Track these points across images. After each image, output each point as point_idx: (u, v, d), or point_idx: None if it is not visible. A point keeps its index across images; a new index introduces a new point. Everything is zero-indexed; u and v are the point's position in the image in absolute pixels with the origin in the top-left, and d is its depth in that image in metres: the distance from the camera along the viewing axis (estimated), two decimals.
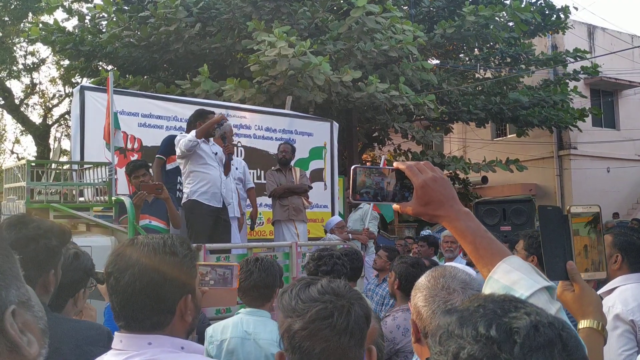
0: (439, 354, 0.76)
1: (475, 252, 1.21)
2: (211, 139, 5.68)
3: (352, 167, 1.26)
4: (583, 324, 1.41)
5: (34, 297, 0.76)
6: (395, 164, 1.25)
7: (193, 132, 5.42)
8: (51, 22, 13.14)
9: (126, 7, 13.44)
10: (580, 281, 1.43)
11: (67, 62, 13.80)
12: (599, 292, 2.84)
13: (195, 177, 5.49)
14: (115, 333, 1.40)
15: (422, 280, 1.67)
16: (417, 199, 1.22)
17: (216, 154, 5.63)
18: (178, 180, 5.89)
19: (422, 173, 1.23)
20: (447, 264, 4.63)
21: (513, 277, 1.14)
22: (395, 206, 1.26)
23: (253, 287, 2.85)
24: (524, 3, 14.14)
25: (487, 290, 1.16)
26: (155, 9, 11.21)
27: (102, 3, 12.92)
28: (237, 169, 6.46)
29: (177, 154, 5.56)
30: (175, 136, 6.03)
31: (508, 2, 13.74)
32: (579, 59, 15.58)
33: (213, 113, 5.93)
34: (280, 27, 10.01)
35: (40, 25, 12.84)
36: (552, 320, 0.75)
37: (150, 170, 5.60)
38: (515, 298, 0.82)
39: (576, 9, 21.17)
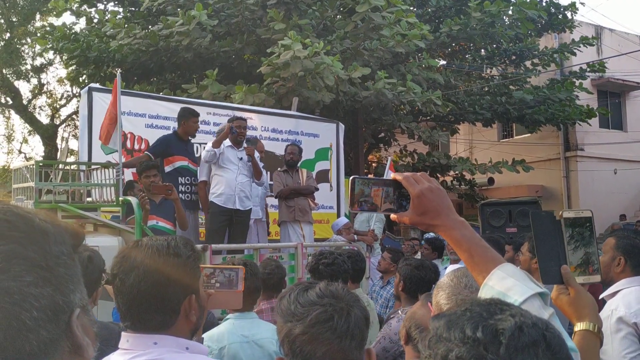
0: (428, 357, 0.78)
1: (470, 260, 1.24)
2: (243, 145, 6.06)
3: (351, 178, 1.29)
4: (579, 326, 1.44)
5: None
6: (392, 175, 1.29)
7: (210, 144, 5.92)
8: (58, 23, 13.20)
9: (133, 8, 13.47)
10: (575, 285, 1.45)
11: (74, 66, 13.82)
12: (603, 295, 2.84)
13: (214, 180, 5.95)
14: (122, 333, 1.43)
15: (445, 279, 1.72)
16: (414, 208, 1.26)
17: (241, 159, 5.99)
18: (180, 182, 5.92)
19: (419, 183, 1.26)
20: (451, 265, 4.64)
21: (507, 284, 1.17)
22: (392, 216, 1.29)
23: (247, 293, 2.87)
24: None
25: (482, 296, 1.18)
26: (167, 21, 11.14)
27: (114, 9, 12.95)
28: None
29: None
30: (167, 136, 6.10)
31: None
32: (586, 46, 15.50)
33: (244, 119, 6.39)
34: (297, 20, 10.05)
35: (47, 27, 12.87)
36: (535, 321, 0.78)
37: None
38: (501, 301, 0.85)
39: (583, 4, 21.04)
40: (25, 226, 0.72)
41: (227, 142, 5.94)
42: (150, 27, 12.35)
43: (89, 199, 5.46)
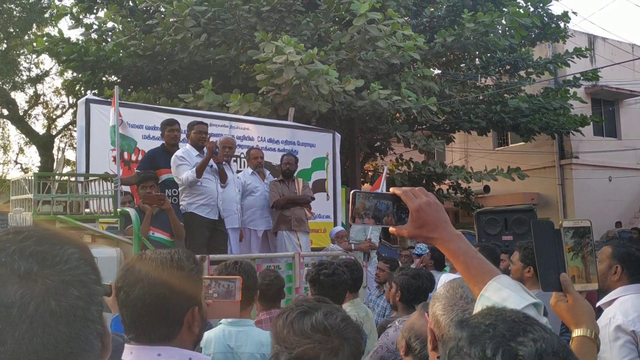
0: None
1: (467, 272, 1.29)
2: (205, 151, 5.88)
3: (352, 192, 1.34)
4: (577, 332, 1.48)
5: None
6: (391, 189, 1.34)
7: (193, 172, 5.64)
8: (55, 33, 13.18)
9: (130, 19, 13.53)
10: (573, 292, 1.50)
11: (71, 73, 13.79)
12: (599, 303, 2.87)
13: (192, 190, 5.76)
14: (125, 345, 1.44)
15: (441, 290, 1.75)
16: (413, 221, 1.30)
17: (212, 166, 5.89)
18: (167, 194, 5.90)
19: (417, 198, 1.31)
20: (445, 275, 4.65)
21: (503, 295, 1.21)
22: (391, 229, 1.34)
23: (243, 290, 2.84)
24: (522, 10, 14.19)
25: (478, 307, 1.22)
26: (163, 18, 11.28)
27: (109, 12, 13.03)
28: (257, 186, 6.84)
29: (175, 177, 5.80)
30: (152, 150, 6.10)
31: (507, 9, 13.79)
32: (580, 57, 15.65)
33: (204, 123, 6.20)
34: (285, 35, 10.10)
35: (45, 37, 12.86)
36: (557, 349, 0.78)
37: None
38: (527, 319, 0.85)
39: (575, 13, 21.23)
40: (74, 237, 0.84)
41: (195, 151, 5.87)
42: (145, 23, 12.41)
43: (87, 210, 5.47)
